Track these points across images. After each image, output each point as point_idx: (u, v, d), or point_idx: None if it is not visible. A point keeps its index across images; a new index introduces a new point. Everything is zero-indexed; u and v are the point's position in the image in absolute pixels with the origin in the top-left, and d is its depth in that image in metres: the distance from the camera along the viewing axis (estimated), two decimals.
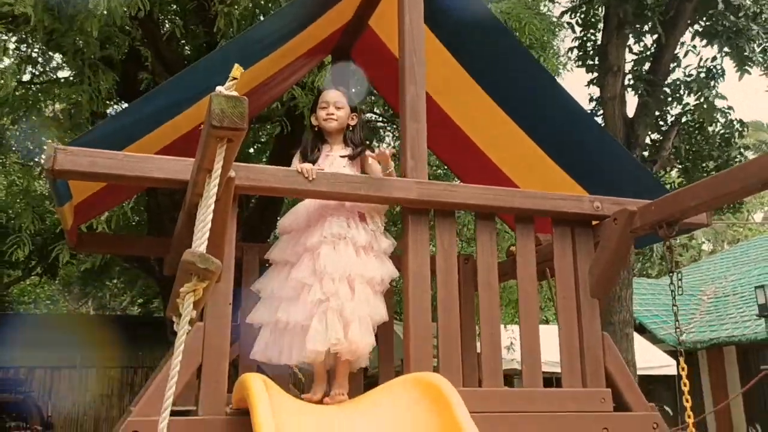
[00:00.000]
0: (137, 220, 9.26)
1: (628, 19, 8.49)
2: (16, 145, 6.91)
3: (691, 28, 8.96)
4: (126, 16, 5.09)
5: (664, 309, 14.51)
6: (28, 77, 7.02)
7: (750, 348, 12.68)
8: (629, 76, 9.14)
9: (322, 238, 2.87)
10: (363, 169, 3.15)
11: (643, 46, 9.36)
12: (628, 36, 8.83)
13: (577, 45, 9.54)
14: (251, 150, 8.93)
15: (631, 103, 9.19)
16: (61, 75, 6.95)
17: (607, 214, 3.11)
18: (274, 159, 7.56)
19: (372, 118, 9.81)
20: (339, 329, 2.71)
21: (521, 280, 3.06)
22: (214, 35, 5.86)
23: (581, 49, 9.53)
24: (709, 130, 9.22)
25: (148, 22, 6.11)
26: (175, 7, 7.06)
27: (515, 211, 3.13)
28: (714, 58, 9.00)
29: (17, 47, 6.42)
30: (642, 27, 8.97)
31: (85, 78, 5.52)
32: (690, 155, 9.40)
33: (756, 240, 19.51)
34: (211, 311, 2.54)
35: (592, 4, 9.26)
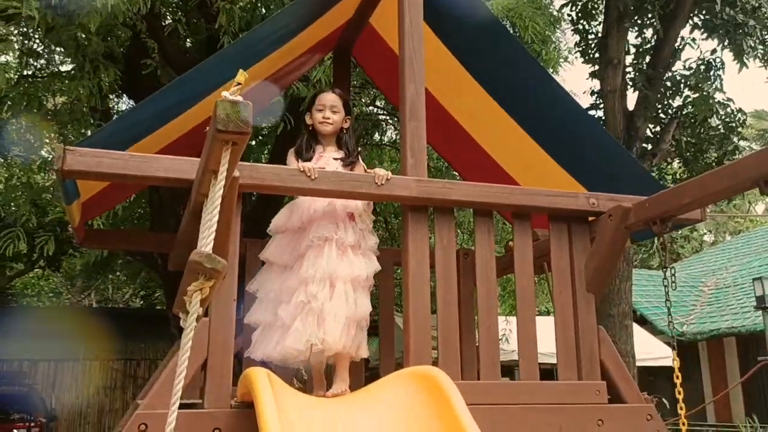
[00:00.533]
0: (139, 212, 9.32)
1: (628, 11, 8.48)
2: (17, 138, 6.95)
3: (691, 21, 8.95)
4: (128, 12, 5.11)
5: (665, 300, 14.51)
6: (30, 72, 7.06)
7: (750, 339, 12.71)
8: (630, 69, 9.14)
9: (309, 242, 2.97)
10: None
11: (643, 39, 9.36)
12: (628, 29, 8.82)
13: (578, 39, 9.54)
14: (253, 142, 8.96)
15: (632, 95, 9.21)
16: (63, 69, 6.98)
17: (602, 211, 3.16)
18: (276, 152, 7.62)
19: (374, 111, 9.85)
20: (316, 330, 2.82)
21: (518, 275, 3.11)
22: (216, 30, 5.88)
23: (582, 42, 9.51)
24: (709, 121, 9.20)
25: (150, 16, 6.12)
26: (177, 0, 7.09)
27: (513, 207, 3.19)
28: (714, 51, 8.98)
29: (21, 42, 6.44)
30: (642, 20, 8.96)
31: (85, 73, 5.55)
32: (691, 147, 9.39)
33: (757, 231, 19.52)
34: (215, 307, 2.60)
35: None
